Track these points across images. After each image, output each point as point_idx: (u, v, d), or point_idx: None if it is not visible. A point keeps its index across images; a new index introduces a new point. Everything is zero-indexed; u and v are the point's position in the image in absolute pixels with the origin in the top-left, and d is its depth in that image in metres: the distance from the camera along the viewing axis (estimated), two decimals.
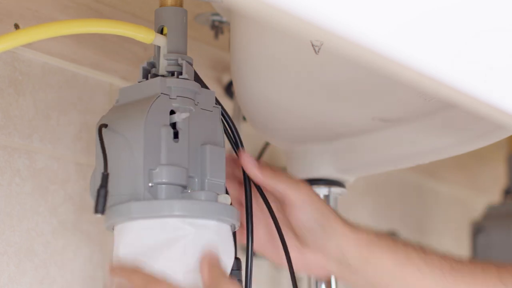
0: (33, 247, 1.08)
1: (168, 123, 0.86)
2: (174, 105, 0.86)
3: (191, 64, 0.90)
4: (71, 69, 1.15)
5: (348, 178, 1.15)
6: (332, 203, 1.15)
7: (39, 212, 1.09)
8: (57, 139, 1.12)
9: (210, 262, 0.83)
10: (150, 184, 0.83)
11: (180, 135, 0.86)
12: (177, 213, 0.83)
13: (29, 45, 1.08)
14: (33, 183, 1.09)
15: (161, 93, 0.86)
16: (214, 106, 0.90)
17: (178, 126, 0.86)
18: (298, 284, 1.47)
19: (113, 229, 0.87)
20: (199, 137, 0.87)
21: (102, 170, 0.84)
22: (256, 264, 0.90)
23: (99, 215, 0.83)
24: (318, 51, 0.90)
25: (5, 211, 1.05)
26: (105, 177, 0.84)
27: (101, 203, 0.83)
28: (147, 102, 0.85)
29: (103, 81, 1.19)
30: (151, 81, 0.88)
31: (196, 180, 0.86)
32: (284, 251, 0.91)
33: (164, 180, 0.84)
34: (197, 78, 0.90)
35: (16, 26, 1.07)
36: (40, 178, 1.10)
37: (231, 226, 0.86)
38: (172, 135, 0.85)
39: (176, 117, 0.86)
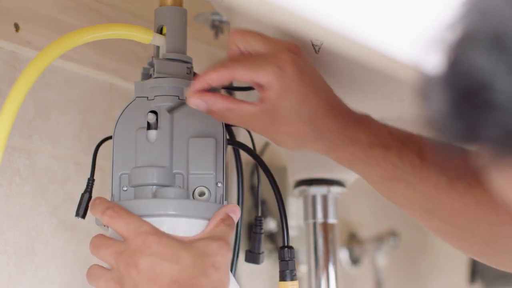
0: (33, 247, 1.08)
1: (145, 125, 0.86)
2: (153, 106, 0.86)
3: (190, 63, 0.90)
4: (71, 69, 1.15)
5: (348, 178, 1.15)
6: (332, 203, 1.16)
7: (39, 212, 1.09)
8: (57, 139, 1.12)
9: (224, 218, 0.83)
10: (124, 188, 0.84)
11: (159, 135, 0.85)
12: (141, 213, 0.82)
13: (29, 45, 1.08)
14: (33, 183, 1.09)
15: (136, 97, 0.87)
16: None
17: (159, 125, 0.85)
18: (298, 283, 1.47)
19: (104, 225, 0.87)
20: (187, 132, 0.86)
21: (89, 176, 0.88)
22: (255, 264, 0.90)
23: (79, 219, 0.86)
24: (318, 51, 0.90)
25: (5, 211, 1.05)
26: (90, 183, 0.88)
27: (82, 207, 0.87)
28: (122, 109, 0.87)
29: (103, 81, 1.19)
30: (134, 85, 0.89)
31: (183, 176, 0.85)
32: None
33: (136, 183, 0.84)
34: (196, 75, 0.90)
35: (16, 26, 1.07)
36: (40, 178, 1.10)
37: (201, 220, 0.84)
38: (149, 136, 0.85)
39: (149, 119, 0.86)
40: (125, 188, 0.84)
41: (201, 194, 0.85)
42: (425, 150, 0.82)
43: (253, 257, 0.92)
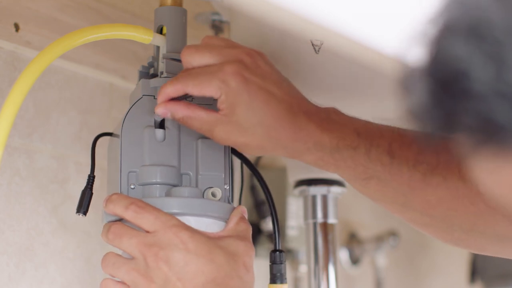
0: (33, 247, 1.08)
1: (153, 124, 0.86)
2: None
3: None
4: (71, 69, 1.14)
5: None
6: (332, 203, 1.15)
7: (39, 212, 1.09)
8: (57, 139, 1.12)
9: (242, 215, 0.83)
10: (132, 186, 0.84)
11: (168, 134, 0.85)
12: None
13: (29, 45, 1.08)
14: (33, 183, 1.09)
15: (143, 95, 0.87)
16: (214, 100, 0.89)
17: (166, 125, 0.86)
18: (298, 283, 1.47)
19: None
20: (194, 133, 0.86)
21: (90, 172, 0.87)
22: (256, 264, 0.89)
23: (81, 215, 0.86)
24: (318, 51, 0.90)
25: (5, 211, 1.05)
26: (91, 179, 0.87)
27: (85, 204, 0.86)
28: (129, 106, 0.86)
29: (103, 80, 1.19)
30: (139, 83, 0.88)
31: (190, 176, 0.86)
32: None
33: (145, 181, 0.84)
34: None
35: (16, 26, 1.07)
36: (40, 177, 1.10)
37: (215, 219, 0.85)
38: (157, 135, 0.85)
39: (157, 118, 0.86)
40: (132, 186, 0.84)
41: (214, 195, 0.85)
42: (395, 146, 0.81)
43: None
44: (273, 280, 0.88)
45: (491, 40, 0.41)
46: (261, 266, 1.34)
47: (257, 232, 1.39)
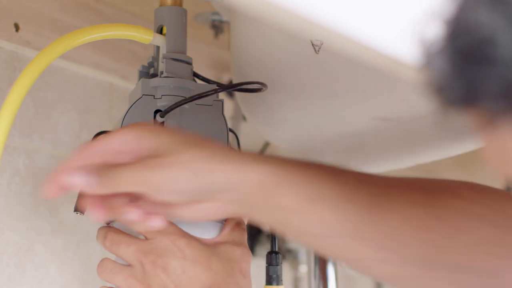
0: (33, 247, 1.08)
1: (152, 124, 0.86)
2: (159, 105, 0.86)
3: (190, 63, 0.90)
4: (71, 69, 1.15)
5: None
6: None
7: (39, 212, 1.09)
8: (57, 138, 1.12)
9: (238, 221, 0.83)
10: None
11: None
12: None
13: (28, 45, 1.08)
14: (33, 183, 1.09)
15: (143, 95, 0.87)
16: (214, 100, 0.89)
17: (165, 125, 0.86)
18: (298, 283, 1.47)
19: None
20: (193, 133, 0.86)
21: None
22: (256, 264, 0.89)
23: (78, 214, 0.85)
24: (318, 51, 0.90)
25: (5, 211, 1.05)
26: None
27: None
28: (129, 106, 0.86)
29: (103, 80, 1.19)
30: (138, 83, 0.88)
31: None
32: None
33: None
34: (195, 74, 0.90)
35: (16, 26, 1.07)
36: (40, 177, 1.10)
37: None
38: None
39: (158, 118, 0.86)
40: None
41: None
42: (347, 172, 0.73)
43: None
44: (269, 281, 0.89)
45: None
46: (261, 266, 1.34)
47: (257, 232, 1.39)
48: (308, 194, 0.69)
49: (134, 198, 0.72)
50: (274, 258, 0.89)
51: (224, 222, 0.83)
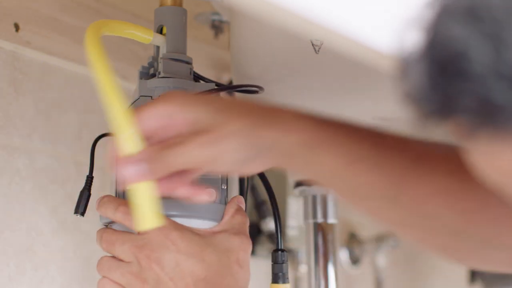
0: (33, 247, 1.08)
1: None
2: None
3: (190, 63, 0.90)
4: (71, 69, 1.14)
5: None
6: (332, 203, 1.16)
7: (39, 212, 1.09)
8: (57, 138, 1.12)
9: (239, 207, 0.83)
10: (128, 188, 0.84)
11: None
12: None
13: (28, 45, 1.08)
14: (33, 183, 1.09)
15: (140, 96, 0.87)
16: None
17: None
18: (298, 283, 1.47)
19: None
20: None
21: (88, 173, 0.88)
22: (256, 264, 0.90)
23: (78, 216, 0.86)
24: (318, 51, 0.90)
25: (5, 211, 1.05)
26: (89, 180, 0.88)
27: (82, 205, 0.86)
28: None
29: None
30: (137, 84, 0.88)
31: None
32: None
33: None
34: (195, 74, 0.90)
35: (16, 26, 1.07)
36: (40, 177, 1.10)
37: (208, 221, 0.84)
38: None
39: None
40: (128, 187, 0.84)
41: None
42: (381, 134, 0.75)
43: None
44: (275, 280, 0.88)
45: (489, 21, 0.41)
46: (261, 266, 1.34)
47: (257, 232, 1.39)
48: (346, 156, 0.72)
49: (177, 173, 0.73)
50: (279, 255, 0.88)
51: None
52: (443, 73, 0.43)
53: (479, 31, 0.41)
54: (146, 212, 0.73)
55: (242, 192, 0.93)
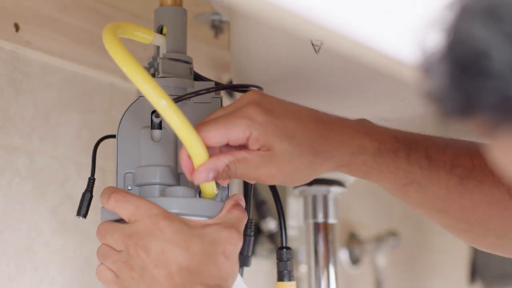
0: (33, 247, 1.08)
1: (149, 125, 0.86)
2: None
3: (190, 63, 0.90)
4: (71, 69, 1.15)
5: (348, 178, 1.15)
6: (332, 203, 1.16)
7: (39, 212, 1.09)
8: (57, 139, 1.12)
9: (236, 202, 0.84)
10: (129, 188, 0.84)
11: (164, 134, 0.85)
12: None
13: (28, 45, 1.08)
14: (33, 183, 1.09)
15: (139, 96, 0.87)
16: (213, 97, 0.89)
17: (163, 125, 0.86)
18: (298, 283, 1.47)
19: None
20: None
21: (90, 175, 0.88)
22: (257, 264, 0.90)
23: (81, 218, 0.87)
24: (318, 51, 0.90)
25: (5, 211, 1.05)
26: (91, 182, 0.88)
27: (84, 207, 0.87)
28: (126, 107, 0.87)
29: (103, 80, 1.19)
30: None
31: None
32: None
33: (141, 182, 0.84)
34: (195, 74, 0.90)
35: (16, 26, 1.07)
36: (40, 178, 1.10)
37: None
38: (154, 136, 0.85)
39: (154, 118, 0.86)
40: (129, 188, 0.85)
41: None
42: (431, 151, 0.83)
43: (242, 259, 0.92)
44: (280, 278, 0.88)
45: (508, 20, 0.42)
46: (261, 266, 1.34)
47: (257, 232, 1.39)
48: (402, 179, 0.83)
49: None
50: (284, 253, 0.88)
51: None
52: (464, 72, 0.44)
53: (499, 30, 0.42)
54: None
55: (246, 191, 0.93)
